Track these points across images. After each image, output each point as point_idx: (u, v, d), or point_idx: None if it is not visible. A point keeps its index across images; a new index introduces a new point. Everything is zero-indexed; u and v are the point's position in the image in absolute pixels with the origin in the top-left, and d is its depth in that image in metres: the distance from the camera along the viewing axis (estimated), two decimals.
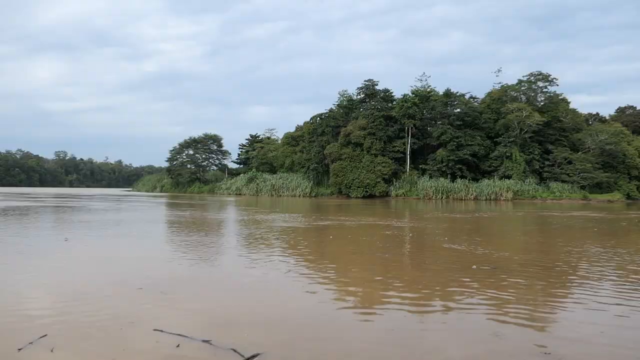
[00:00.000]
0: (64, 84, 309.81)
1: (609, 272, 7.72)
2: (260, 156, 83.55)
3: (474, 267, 7.99)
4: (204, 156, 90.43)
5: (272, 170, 78.89)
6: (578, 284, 6.80)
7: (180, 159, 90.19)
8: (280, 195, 65.53)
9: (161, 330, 4.51)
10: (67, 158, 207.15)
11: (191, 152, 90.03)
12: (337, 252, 10.13)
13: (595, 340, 4.45)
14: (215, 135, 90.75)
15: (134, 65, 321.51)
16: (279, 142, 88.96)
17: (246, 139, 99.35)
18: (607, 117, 78.06)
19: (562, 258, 9.28)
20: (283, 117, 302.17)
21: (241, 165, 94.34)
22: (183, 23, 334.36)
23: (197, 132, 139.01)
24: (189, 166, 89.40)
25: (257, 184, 71.36)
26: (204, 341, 4.32)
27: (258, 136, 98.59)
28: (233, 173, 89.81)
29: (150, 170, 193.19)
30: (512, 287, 6.53)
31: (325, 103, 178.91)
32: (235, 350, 4.14)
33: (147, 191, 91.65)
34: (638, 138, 66.84)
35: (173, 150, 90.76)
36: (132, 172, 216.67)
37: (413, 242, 11.90)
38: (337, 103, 70.07)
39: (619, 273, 7.69)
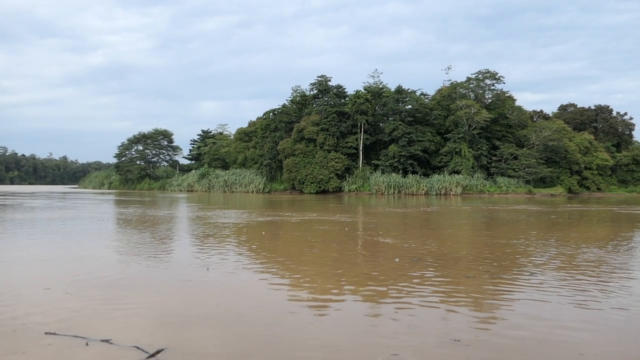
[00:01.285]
0: (2, 76, 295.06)
1: (520, 263, 8.03)
2: (213, 152, 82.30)
3: (397, 259, 8.11)
4: (154, 152, 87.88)
5: (225, 166, 77.85)
6: (490, 275, 7.03)
7: (129, 155, 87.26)
8: (233, 192, 64.80)
9: (54, 333, 4.33)
10: (7, 154, 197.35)
11: (140, 147, 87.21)
12: (265, 248, 10.08)
13: (502, 328, 4.62)
14: (165, 131, 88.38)
15: (78, 58, 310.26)
16: (232, 137, 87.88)
17: (198, 135, 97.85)
18: (550, 115, 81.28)
19: (482, 250, 9.62)
20: (235, 112, 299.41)
21: (193, 161, 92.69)
22: (130, 14, 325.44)
23: (146, 128, 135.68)
24: (138, 162, 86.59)
25: (210, 180, 70.21)
26: (103, 340, 4.18)
27: (210, 132, 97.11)
28: (184, 169, 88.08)
29: (97, 166, 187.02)
30: (428, 279, 6.69)
31: (278, 98, 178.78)
32: (138, 347, 4.02)
33: (95, 188, 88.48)
34: (579, 134, 70.11)
35: (121, 145, 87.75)
36: (78, 169, 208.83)
37: (345, 237, 11.96)
38: (290, 99, 69.91)
39: (530, 265, 8.00)
